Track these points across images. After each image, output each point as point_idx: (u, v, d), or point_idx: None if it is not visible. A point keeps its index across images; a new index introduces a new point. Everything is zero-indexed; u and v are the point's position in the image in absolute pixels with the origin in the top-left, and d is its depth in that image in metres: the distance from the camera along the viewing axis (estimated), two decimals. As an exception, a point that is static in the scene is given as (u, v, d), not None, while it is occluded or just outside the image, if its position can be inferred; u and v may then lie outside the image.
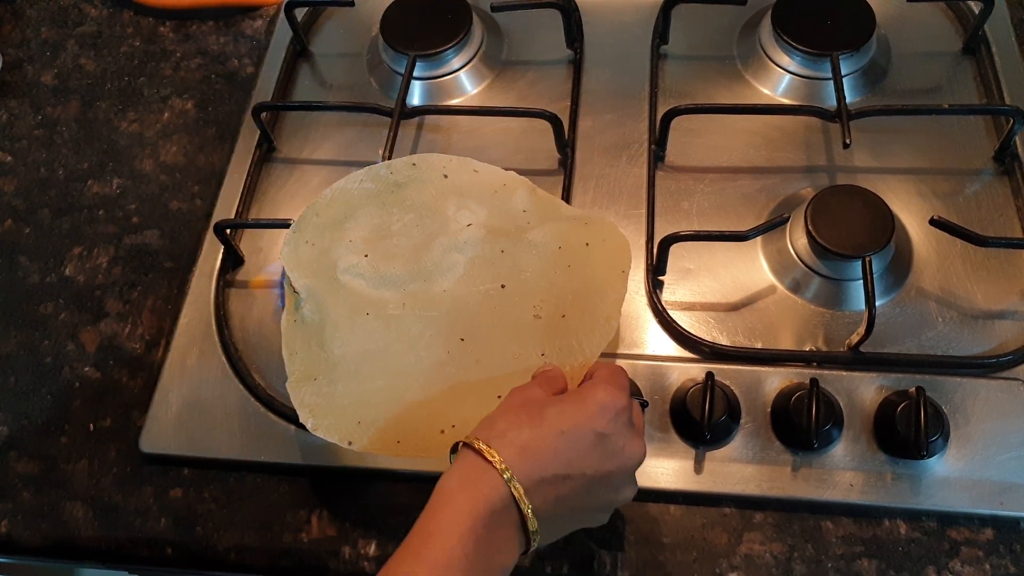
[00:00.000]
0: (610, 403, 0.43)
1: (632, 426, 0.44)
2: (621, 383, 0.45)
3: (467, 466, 0.41)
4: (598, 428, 0.42)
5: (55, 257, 0.66)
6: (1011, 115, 0.60)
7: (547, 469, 0.41)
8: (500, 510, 0.40)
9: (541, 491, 0.41)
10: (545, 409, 0.42)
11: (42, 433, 0.58)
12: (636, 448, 0.44)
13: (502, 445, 0.41)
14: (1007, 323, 0.55)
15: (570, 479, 0.41)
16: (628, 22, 0.72)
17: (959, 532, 0.49)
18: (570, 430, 0.41)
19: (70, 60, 0.78)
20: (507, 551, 0.41)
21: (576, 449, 0.41)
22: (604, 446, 0.42)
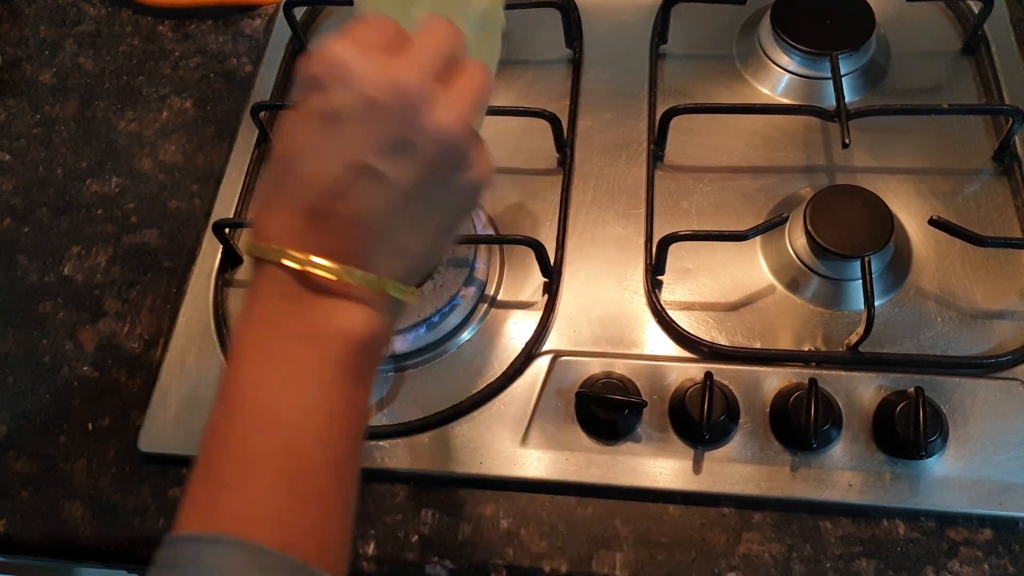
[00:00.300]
0: (316, 68, 0.31)
1: (376, 67, 0.31)
2: (346, 32, 0.32)
3: (251, 283, 0.33)
4: (318, 108, 0.31)
5: (54, 256, 0.66)
6: (1010, 115, 0.60)
7: (304, 204, 0.32)
8: (284, 292, 0.32)
9: (321, 229, 0.32)
10: (276, 148, 0.34)
11: (41, 432, 0.58)
12: (394, 78, 0.31)
13: (259, 226, 0.33)
14: (1006, 323, 0.55)
15: (344, 185, 0.31)
16: (627, 21, 0.72)
17: (958, 532, 0.49)
18: (296, 145, 0.32)
19: (69, 59, 0.78)
20: (336, 317, 0.32)
21: (317, 153, 0.31)
22: (346, 119, 0.31)
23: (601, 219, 0.62)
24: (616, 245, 0.61)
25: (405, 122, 0.31)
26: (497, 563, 0.51)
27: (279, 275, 0.32)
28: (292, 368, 0.32)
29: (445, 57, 0.33)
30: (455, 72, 0.34)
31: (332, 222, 0.32)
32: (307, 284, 0.32)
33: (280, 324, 0.32)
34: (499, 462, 0.53)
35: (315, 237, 0.32)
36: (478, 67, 0.35)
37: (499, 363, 0.56)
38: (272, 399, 0.32)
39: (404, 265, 0.34)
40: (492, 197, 0.64)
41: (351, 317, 0.33)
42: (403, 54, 0.32)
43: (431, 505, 0.53)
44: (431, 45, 0.33)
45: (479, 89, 0.34)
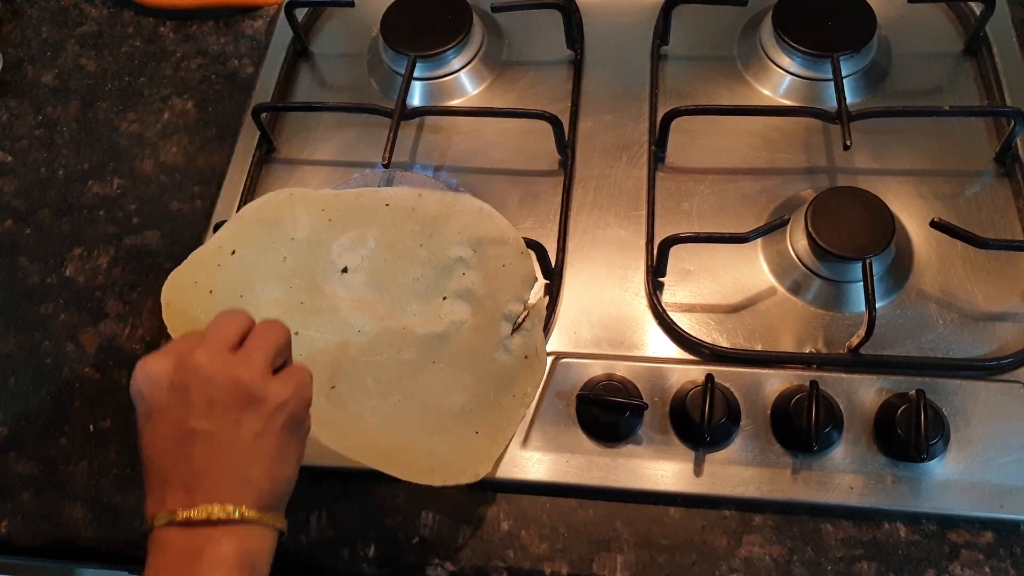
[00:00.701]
0: (136, 380, 0.42)
1: (162, 378, 0.41)
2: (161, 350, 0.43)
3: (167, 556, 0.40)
4: (142, 410, 0.42)
5: (55, 258, 0.66)
6: (1012, 116, 0.60)
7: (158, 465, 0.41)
8: (167, 547, 0.39)
9: (174, 487, 0.40)
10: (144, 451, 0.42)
11: (42, 434, 0.58)
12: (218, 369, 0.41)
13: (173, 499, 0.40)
14: (1008, 325, 0.55)
15: (186, 439, 0.40)
16: (629, 23, 0.72)
17: (959, 535, 0.49)
18: (146, 440, 0.42)
19: (70, 60, 0.78)
20: (207, 551, 0.39)
21: (153, 437, 0.41)
22: (164, 418, 0.41)
23: (602, 221, 0.62)
24: (617, 247, 0.61)
25: (244, 398, 0.41)
26: (498, 565, 0.51)
27: (165, 540, 0.39)
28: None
29: (274, 352, 0.43)
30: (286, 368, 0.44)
31: (173, 477, 0.40)
32: (187, 535, 0.39)
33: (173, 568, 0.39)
34: (500, 464, 0.53)
35: (175, 497, 0.40)
36: (298, 370, 0.44)
37: (500, 365, 0.56)
38: None
39: (255, 492, 0.41)
40: (493, 198, 0.63)
41: (226, 543, 0.39)
42: (247, 355, 0.42)
43: (431, 507, 0.53)
44: (260, 345, 0.43)
45: (299, 382, 0.44)
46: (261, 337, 0.43)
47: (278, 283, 0.55)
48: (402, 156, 0.67)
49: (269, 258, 0.55)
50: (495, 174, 0.65)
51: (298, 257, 0.55)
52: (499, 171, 0.65)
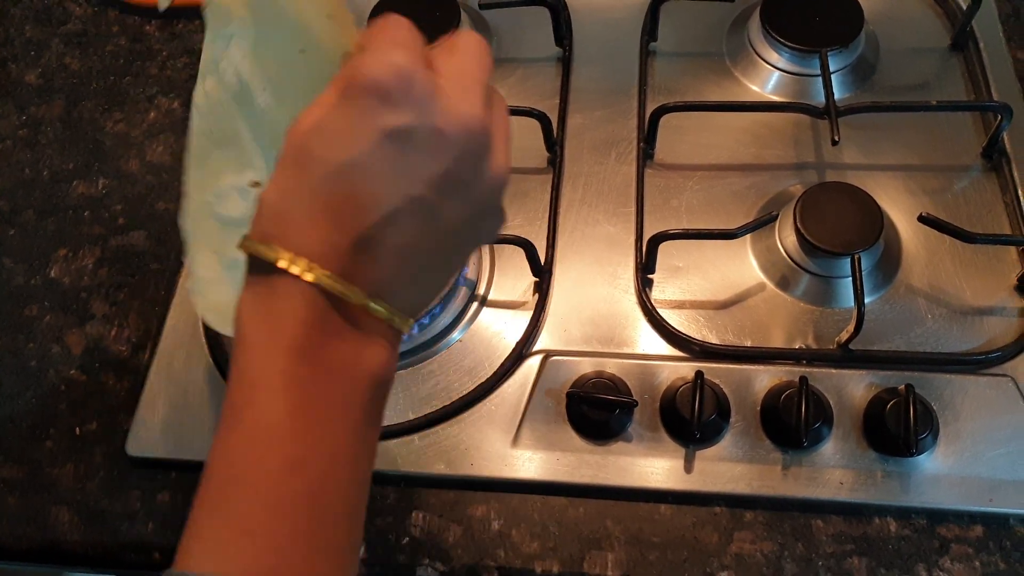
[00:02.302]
0: (382, 77, 0.28)
1: (437, 91, 0.29)
2: (389, 38, 0.30)
3: (252, 285, 0.29)
4: (385, 125, 0.28)
5: (40, 259, 0.66)
6: (999, 111, 0.60)
7: (354, 227, 0.28)
8: (319, 320, 0.28)
9: (367, 258, 0.29)
10: (308, 145, 0.29)
11: (27, 437, 0.58)
12: (462, 114, 0.29)
13: (283, 229, 0.29)
14: (995, 319, 0.55)
15: (396, 216, 0.29)
16: (617, 19, 0.72)
17: (949, 529, 0.49)
18: (351, 154, 0.28)
19: (55, 59, 0.77)
20: (364, 354, 0.30)
21: (375, 173, 0.28)
22: (410, 144, 0.28)
23: (591, 218, 0.62)
24: (606, 244, 0.61)
25: (468, 163, 0.30)
26: (488, 564, 0.51)
27: (307, 295, 0.28)
28: (323, 409, 0.29)
29: (486, 84, 0.31)
30: (494, 102, 0.32)
31: (376, 252, 0.29)
32: (339, 314, 0.29)
33: (311, 357, 0.29)
34: (490, 463, 0.53)
35: (355, 264, 0.29)
36: (502, 102, 0.33)
37: (489, 363, 0.56)
38: (302, 440, 0.29)
39: (422, 301, 0.33)
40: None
41: (376, 355, 0.31)
42: (461, 80, 0.30)
43: (421, 507, 0.53)
44: (478, 67, 0.31)
45: (507, 125, 0.33)
46: (471, 54, 0.31)
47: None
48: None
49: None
50: (484, 172, 0.65)
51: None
52: (488, 169, 0.65)
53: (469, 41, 0.31)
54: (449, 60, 0.30)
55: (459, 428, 0.54)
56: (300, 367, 0.28)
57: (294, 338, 0.28)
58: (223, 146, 0.44)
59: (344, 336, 0.29)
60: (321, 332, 0.29)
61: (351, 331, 0.29)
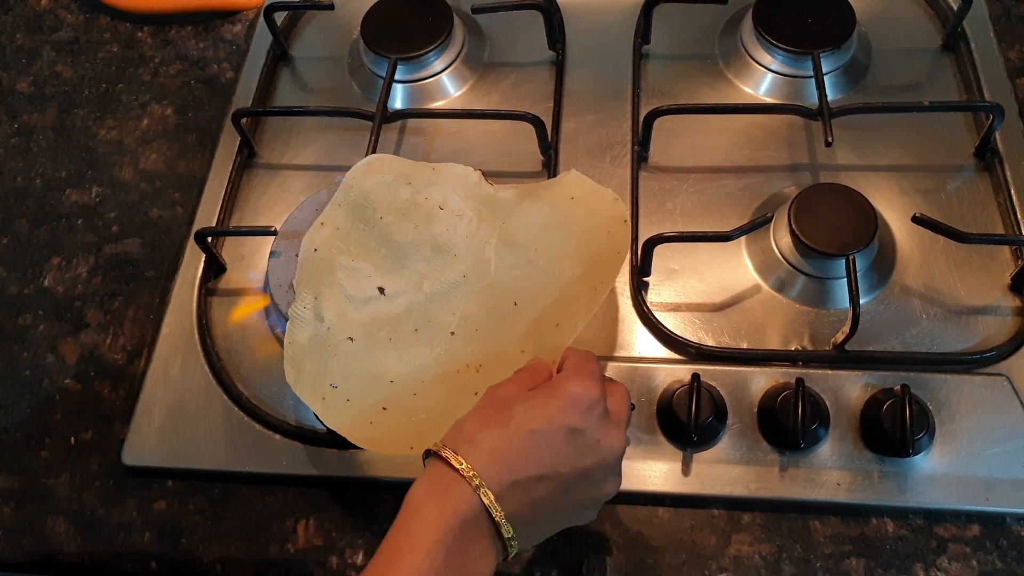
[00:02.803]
0: (581, 395, 0.41)
1: (607, 417, 0.42)
2: (591, 371, 0.43)
3: (435, 475, 0.40)
4: (569, 423, 0.40)
5: (33, 268, 0.65)
6: (991, 111, 0.60)
7: (518, 472, 0.40)
8: (471, 519, 0.39)
9: (514, 495, 0.39)
10: (513, 407, 0.41)
11: (22, 447, 0.58)
12: (614, 440, 0.42)
13: (470, 450, 0.40)
14: (990, 318, 0.55)
15: (545, 479, 0.40)
16: (610, 22, 0.72)
17: (946, 529, 0.50)
18: (540, 428, 0.40)
19: (46, 67, 0.77)
20: (482, 560, 0.39)
21: (548, 448, 0.40)
22: (578, 441, 0.41)
23: (586, 221, 0.62)
24: (602, 247, 0.61)
25: (603, 470, 0.42)
26: (487, 570, 0.51)
27: (471, 500, 0.39)
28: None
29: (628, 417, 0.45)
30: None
31: (521, 495, 0.40)
32: (483, 522, 0.39)
33: (459, 540, 0.38)
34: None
35: (505, 495, 0.39)
36: (617, 393, 0.45)
37: (486, 368, 0.56)
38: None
39: (533, 540, 0.43)
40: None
41: (490, 562, 0.40)
42: (617, 415, 0.43)
43: (420, 513, 0.53)
44: (625, 411, 0.45)
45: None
46: (622, 401, 0.44)
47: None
48: (384, 159, 0.66)
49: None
50: (478, 176, 0.65)
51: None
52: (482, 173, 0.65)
53: (621, 390, 0.45)
54: (612, 397, 0.44)
55: (456, 433, 0.54)
56: (449, 541, 0.38)
57: (452, 520, 0.38)
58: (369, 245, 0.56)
59: (480, 538, 0.39)
60: (470, 527, 0.39)
61: (485, 537, 0.40)
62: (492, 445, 0.40)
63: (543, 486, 0.40)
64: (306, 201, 0.61)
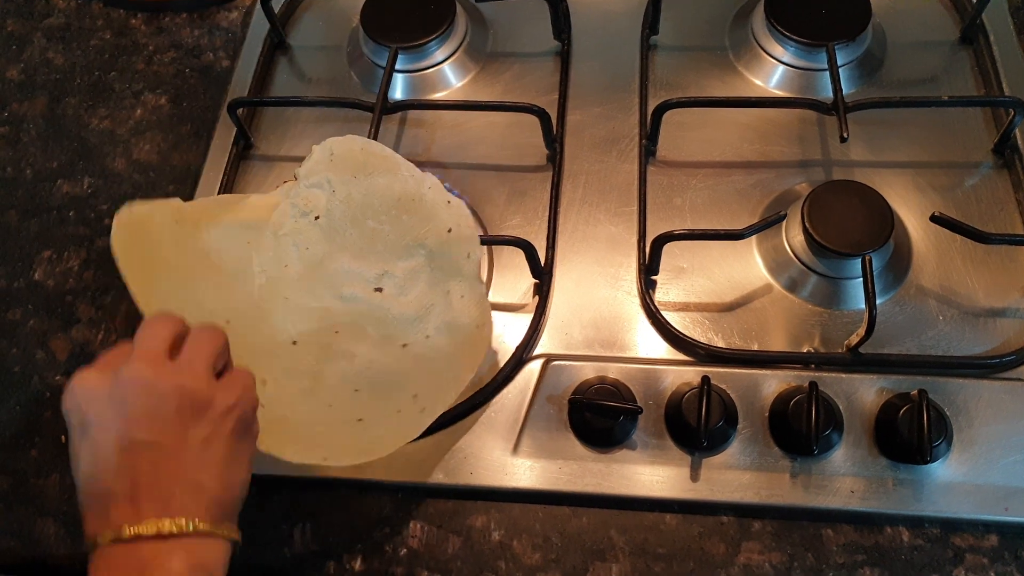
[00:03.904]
0: (77, 391, 0.40)
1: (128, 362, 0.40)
2: (138, 340, 0.41)
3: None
4: (84, 420, 0.40)
5: (23, 261, 0.64)
6: (1011, 106, 0.58)
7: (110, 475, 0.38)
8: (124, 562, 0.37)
9: (131, 497, 0.38)
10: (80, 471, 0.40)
11: (11, 446, 0.56)
12: (130, 372, 0.39)
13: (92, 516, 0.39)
14: (1009, 321, 0.54)
15: (127, 448, 0.38)
16: (617, 12, 0.70)
17: (963, 539, 0.48)
18: (86, 458, 0.40)
19: (37, 54, 0.75)
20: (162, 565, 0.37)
21: (98, 454, 0.39)
22: (111, 411, 0.39)
23: (592, 217, 0.60)
24: (608, 244, 0.59)
25: (189, 406, 0.40)
26: (489, 577, 0.49)
27: (110, 559, 0.37)
28: None
29: (217, 355, 0.42)
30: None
31: (126, 490, 0.38)
32: (134, 552, 0.37)
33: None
34: (490, 472, 0.51)
35: (120, 511, 0.37)
36: (240, 374, 0.43)
37: (489, 368, 0.54)
38: None
39: (207, 500, 0.39)
40: (479, 195, 0.62)
41: (176, 558, 0.37)
42: (187, 361, 0.41)
43: (420, 517, 0.51)
44: (203, 346, 0.42)
45: (242, 387, 0.42)
46: (199, 342, 0.41)
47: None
48: (385, 152, 0.65)
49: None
50: (481, 169, 0.63)
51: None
52: (485, 166, 0.63)
53: (197, 331, 0.43)
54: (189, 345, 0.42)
55: (458, 436, 0.52)
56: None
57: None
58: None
59: (144, 562, 0.37)
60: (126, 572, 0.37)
61: (147, 556, 0.37)
62: (84, 506, 0.39)
63: (138, 454, 0.38)
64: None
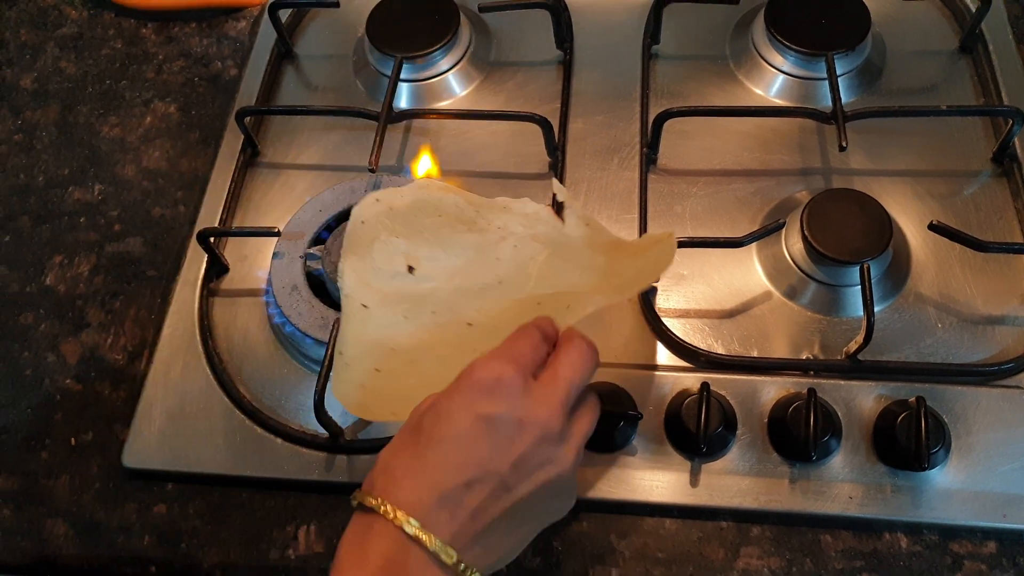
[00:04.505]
0: (487, 377, 0.36)
1: (529, 393, 0.37)
2: (512, 353, 0.38)
3: (355, 525, 0.37)
4: (481, 411, 0.36)
5: (35, 266, 0.65)
6: (1010, 116, 0.59)
7: (441, 486, 0.35)
8: (400, 557, 0.35)
9: (446, 513, 0.35)
10: (422, 420, 0.37)
11: (22, 448, 0.57)
12: (541, 414, 0.37)
13: (386, 483, 0.36)
14: (1007, 328, 0.54)
15: (476, 483, 0.36)
16: (619, 22, 0.71)
17: (961, 545, 0.48)
18: (451, 431, 0.36)
19: (50, 63, 0.76)
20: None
21: (466, 447, 0.36)
22: (499, 429, 0.36)
23: (594, 225, 0.61)
24: (610, 251, 0.60)
25: (541, 451, 0.38)
26: (490, 580, 0.50)
27: (394, 536, 0.35)
28: None
29: (580, 388, 0.40)
30: (582, 406, 0.41)
31: (454, 509, 0.36)
32: (417, 556, 0.35)
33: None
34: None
35: (437, 516, 0.36)
36: (593, 406, 0.42)
37: (491, 374, 0.55)
38: None
39: (492, 560, 0.38)
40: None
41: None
42: (549, 386, 0.38)
43: (422, 521, 0.52)
44: (571, 377, 0.39)
45: (592, 427, 0.41)
46: (569, 366, 0.39)
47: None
48: (389, 160, 0.65)
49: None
50: (484, 177, 0.64)
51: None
52: (488, 174, 0.64)
53: (571, 348, 0.40)
54: (553, 361, 0.40)
55: (460, 440, 0.53)
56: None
57: (376, 565, 0.35)
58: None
59: (423, 573, 0.35)
60: (403, 566, 0.35)
61: (429, 570, 0.35)
62: (406, 468, 0.36)
63: (477, 491, 0.36)
64: (310, 202, 0.61)
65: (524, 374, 0.38)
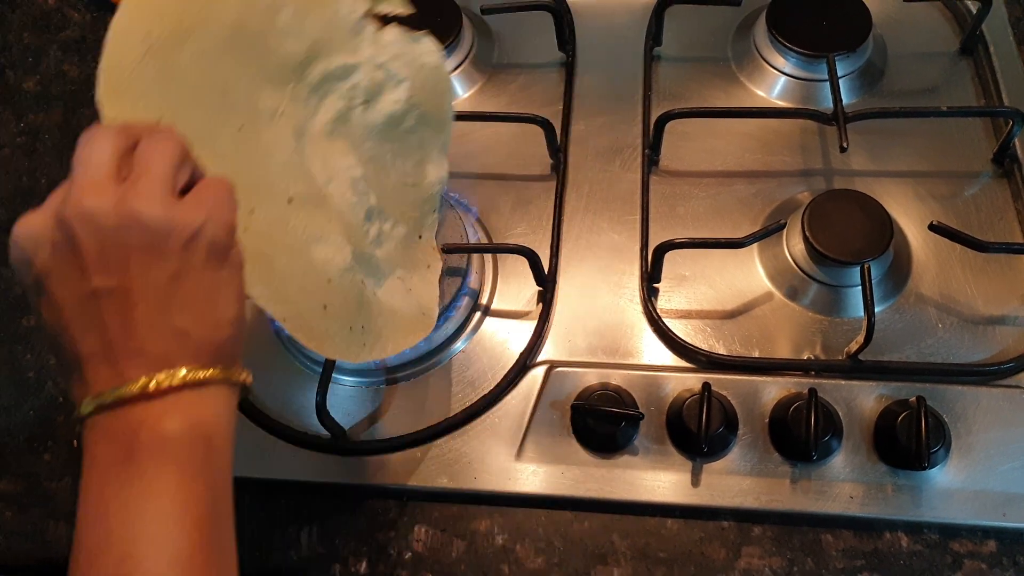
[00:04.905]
0: (20, 239, 0.34)
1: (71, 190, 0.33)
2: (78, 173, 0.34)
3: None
4: (34, 272, 0.34)
5: (38, 268, 0.65)
6: (1010, 117, 0.59)
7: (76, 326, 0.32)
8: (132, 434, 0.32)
9: (104, 367, 0.32)
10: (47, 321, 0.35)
11: (25, 450, 0.57)
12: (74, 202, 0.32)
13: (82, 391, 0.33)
14: (1008, 329, 0.54)
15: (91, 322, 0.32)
16: (621, 24, 0.71)
17: (962, 544, 0.49)
18: (48, 318, 0.33)
19: (53, 66, 0.76)
20: (148, 423, 0.32)
21: (59, 312, 0.33)
22: (69, 249, 0.33)
23: (596, 226, 0.61)
24: (611, 252, 0.60)
25: (146, 237, 0.33)
26: (492, 580, 0.50)
27: (97, 430, 0.33)
28: (135, 499, 0.32)
29: (175, 169, 0.35)
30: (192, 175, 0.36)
31: (98, 349, 0.33)
32: (120, 418, 0.32)
33: (106, 466, 0.33)
34: (493, 476, 0.52)
35: (97, 373, 0.33)
36: (215, 182, 0.36)
37: (493, 374, 0.55)
38: (129, 540, 0.33)
39: (194, 344, 0.34)
40: (485, 204, 0.63)
41: (169, 419, 0.32)
42: (136, 182, 0.33)
43: (424, 521, 0.52)
44: (156, 160, 0.34)
45: (220, 193, 0.36)
46: (150, 154, 0.34)
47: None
48: (391, 161, 0.66)
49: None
50: (486, 179, 0.64)
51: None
52: (490, 176, 0.64)
53: (147, 142, 0.35)
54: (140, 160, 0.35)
55: (462, 441, 0.53)
56: (99, 483, 0.34)
57: (92, 464, 0.34)
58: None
59: (128, 425, 0.32)
60: (110, 441, 0.33)
61: (132, 418, 0.32)
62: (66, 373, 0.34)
63: (102, 302, 0.32)
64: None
65: (51, 205, 0.35)
